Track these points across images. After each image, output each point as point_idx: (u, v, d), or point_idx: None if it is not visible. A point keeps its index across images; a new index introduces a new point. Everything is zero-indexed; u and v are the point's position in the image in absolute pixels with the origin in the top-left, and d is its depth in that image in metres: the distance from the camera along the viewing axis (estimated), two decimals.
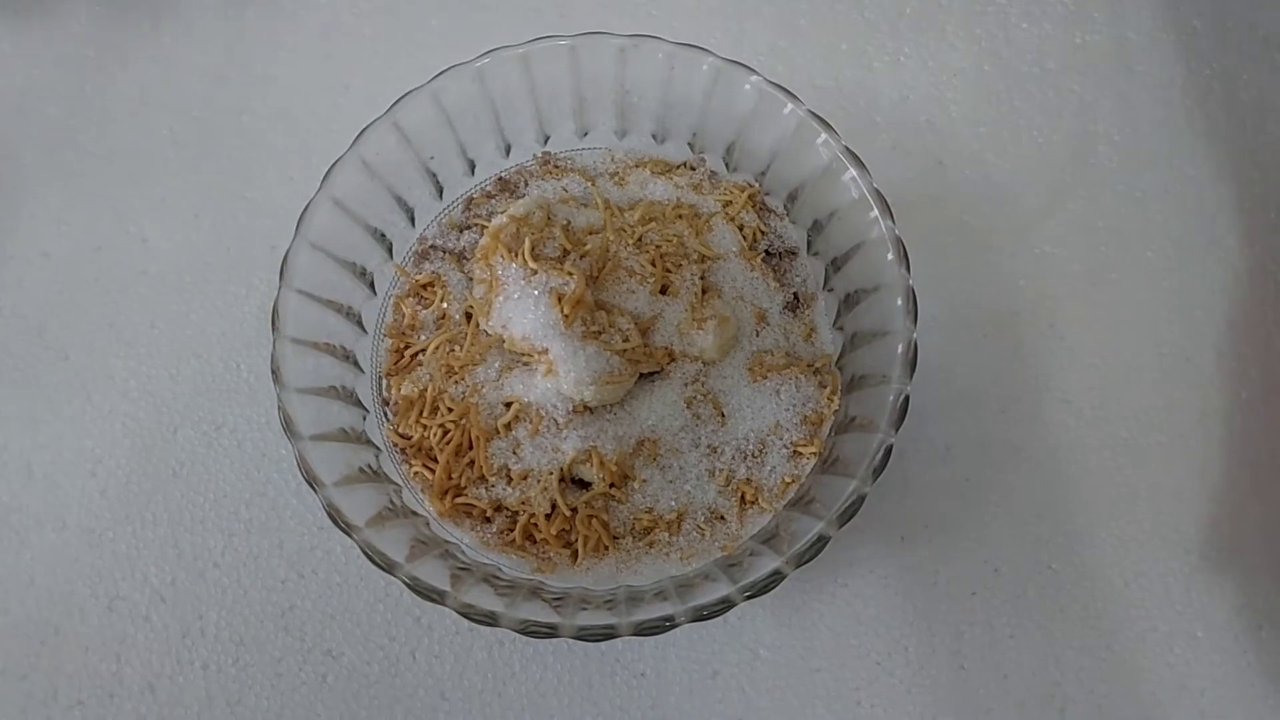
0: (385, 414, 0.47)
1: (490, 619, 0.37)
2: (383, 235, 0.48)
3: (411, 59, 0.53)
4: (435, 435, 0.45)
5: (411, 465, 0.45)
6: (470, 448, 0.44)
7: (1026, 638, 0.46)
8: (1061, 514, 0.48)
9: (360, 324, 0.47)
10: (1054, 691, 0.45)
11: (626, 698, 0.45)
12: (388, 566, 0.38)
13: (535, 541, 0.43)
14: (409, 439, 0.45)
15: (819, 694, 0.45)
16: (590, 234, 0.47)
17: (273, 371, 0.42)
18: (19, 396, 0.51)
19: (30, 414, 0.51)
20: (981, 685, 0.45)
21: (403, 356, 0.47)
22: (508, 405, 0.45)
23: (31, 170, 0.56)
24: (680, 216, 0.48)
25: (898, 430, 0.40)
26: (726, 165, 0.51)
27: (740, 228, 0.48)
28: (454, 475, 0.44)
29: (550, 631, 0.37)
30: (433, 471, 0.44)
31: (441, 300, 0.48)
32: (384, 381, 0.47)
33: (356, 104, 0.50)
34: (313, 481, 0.40)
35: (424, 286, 0.48)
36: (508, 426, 0.44)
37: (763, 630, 0.46)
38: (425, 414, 0.45)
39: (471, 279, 0.47)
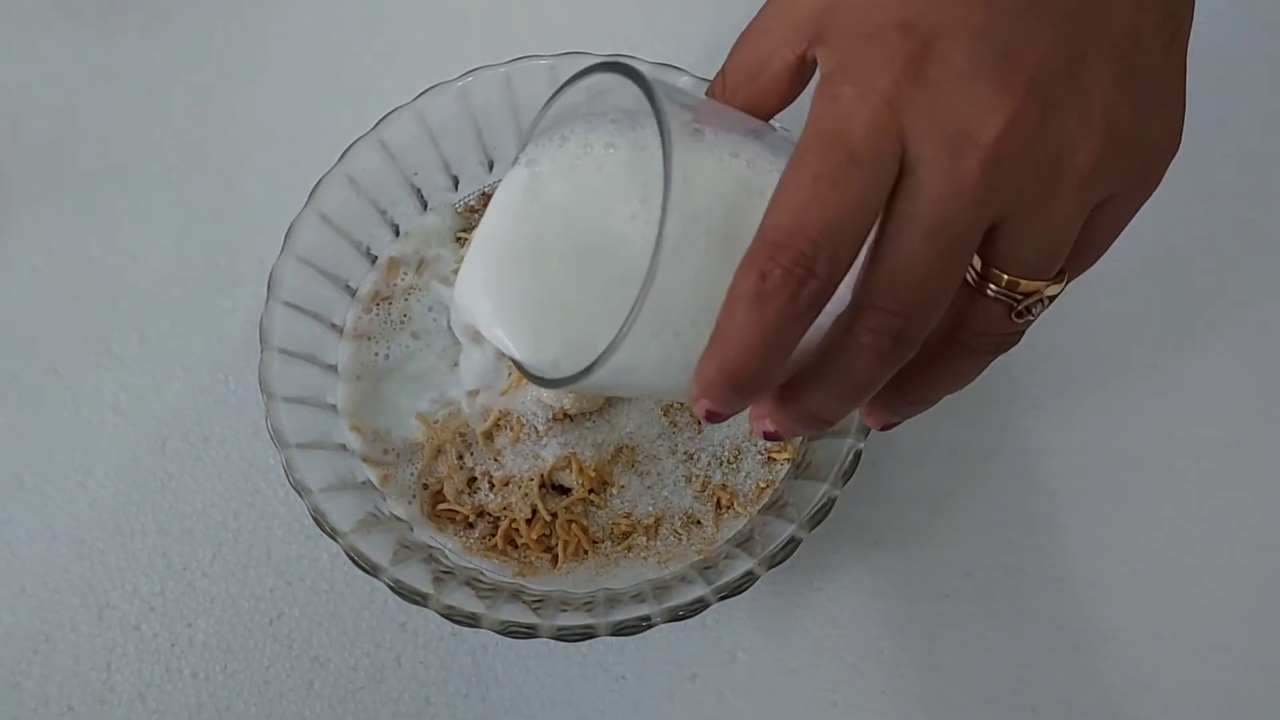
0: None
1: (472, 620, 0.38)
2: (368, 249, 0.49)
3: (396, 78, 0.54)
4: None
5: None
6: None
7: (997, 639, 0.47)
8: (1031, 518, 0.49)
9: None
10: (1024, 690, 0.46)
11: (607, 700, 0.46)
12: (372, 570, 0.39)
13: (516, 546, 0.44)
14: None
15: (795, 695, 0.46)
16: None
17: (260, 382, 0.43)
18: (9, 409, 0.52)
19: (20, 427, 0.51)
20: (953, 685, 0.46)
21: None
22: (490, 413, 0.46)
23: (21, 187, 0.57)
24: None
25: (867, 436, 0.41)
26: None
27: None
28: None
29: (530, 632, 0.38)
30: None
31: None
32: None
33: (342, 121, 0.51)
34: (299, 488, 0.41)
35: None
36: (489, 434, 0.45)
37: (740, 633, 0.47)
38: None
39: None
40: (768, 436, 0.30)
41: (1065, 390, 0.52)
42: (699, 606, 0.38)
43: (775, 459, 0.45)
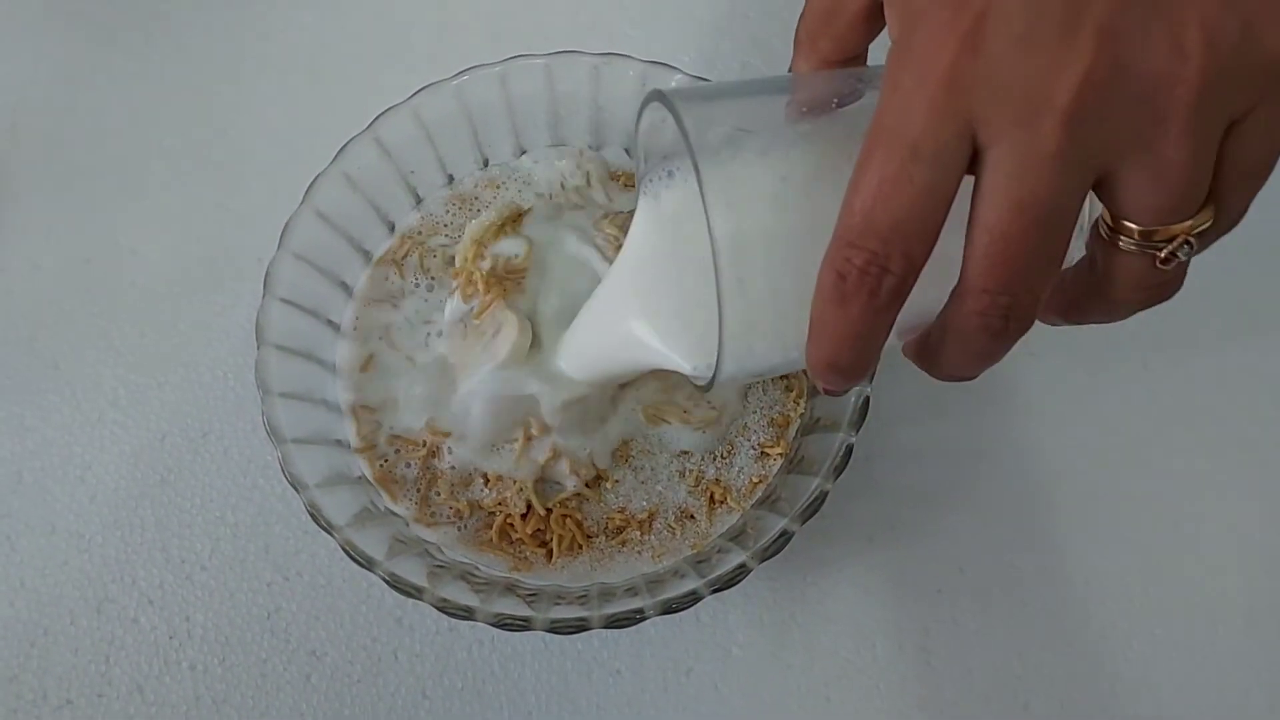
0: None
1: (466, 613, 0.38)
2: (363, 246, 0.50)
3: (393, 76, 0.54)
4: None
5: None
6: None
7: (991, 635, 0.47)
8: (1024, 515, 0.49)
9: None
10: (1018, 687, 0.46)
11: (603, 695, 0.46)
12: (367, 564, 0.39)
13: (511, 541, 0.44)
14: None
15: (789, 690, 0.46)
16: None
17: (257, 377, 0.43)
18: (9, 404, 0.52)
19: (21, 421, 0.52)
20: (947, 681, 0.47)
21: None
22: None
23: (23, 184, 0.57)
24: None
25: (859, 430, 0.41)
26: None
27: None
28: None
29: (524, 625, 0.38)
30: None
31: None
32: None
33: (339, 119, 0.51)
34: (295, 483, 0.41)
35: None
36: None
37: (735, 628, 0.47)
38: None
39: None
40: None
41: (1058, 389, 0.52)
42: (692, 599, 0.39)
43: (768, 454, 0.45)
